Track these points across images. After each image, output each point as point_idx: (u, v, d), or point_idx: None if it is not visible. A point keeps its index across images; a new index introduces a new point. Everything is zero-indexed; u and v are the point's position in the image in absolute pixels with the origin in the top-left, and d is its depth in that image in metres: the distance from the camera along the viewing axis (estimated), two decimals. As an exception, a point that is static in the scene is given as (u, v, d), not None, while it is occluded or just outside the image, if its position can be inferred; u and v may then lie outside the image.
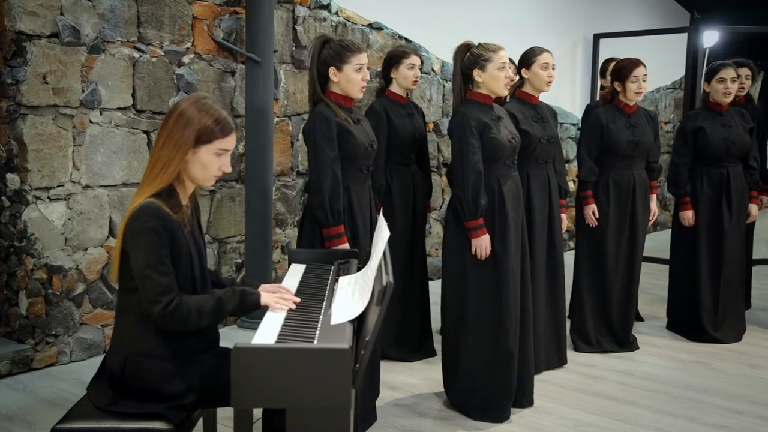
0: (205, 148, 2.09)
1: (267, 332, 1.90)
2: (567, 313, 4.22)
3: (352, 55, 3.00)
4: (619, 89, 4.19)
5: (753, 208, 4.58)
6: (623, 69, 4.13)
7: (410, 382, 3.76)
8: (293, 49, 4.85)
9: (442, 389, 3.49)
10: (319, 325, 2.01)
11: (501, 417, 3.27)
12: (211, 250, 4.50)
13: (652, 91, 8.69)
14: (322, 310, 2.14)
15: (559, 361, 3.99)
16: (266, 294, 2.18)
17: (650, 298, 5.48)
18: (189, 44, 4.28)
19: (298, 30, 4.85)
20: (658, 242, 7.00)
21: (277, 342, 1.83)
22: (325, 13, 5.02)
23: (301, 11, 4.87)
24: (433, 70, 5.93)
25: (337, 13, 5.10)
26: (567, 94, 7.43)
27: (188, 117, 2.08)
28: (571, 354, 4.14)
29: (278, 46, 4.71)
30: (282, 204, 4.88)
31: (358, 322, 2.09)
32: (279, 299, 2.16)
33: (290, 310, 2.14)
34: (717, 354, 4.28)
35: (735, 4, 8.92)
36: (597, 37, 7.59)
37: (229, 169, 2.16)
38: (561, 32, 7.28)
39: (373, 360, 3.30)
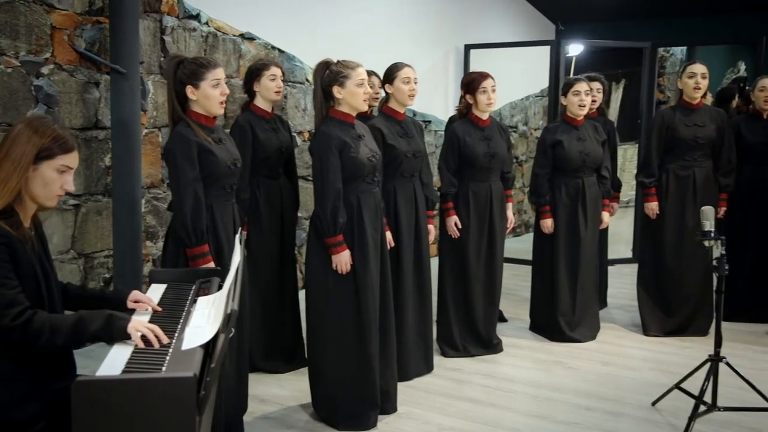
0: (46, 164, 2.08)
1: (114, 362, 1.89)
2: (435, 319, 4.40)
3: (207, 72, 3.01)
4: (471, 102, 4.36)
5: (605, 215, 4.88)
6: (473, 82, 4.31)
7: (280, 394, 3.80)
8: (162, 59, 4.77)
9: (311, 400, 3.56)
10: (171, 351, 2.00)
11: (366, 425, 3.37)
12: (76, 265, 4.37)
13: (522, 99, 9.07)
14: (176, 334, 2.14)
15: (427, 368, 4.13)
16: (133, 323, 2.07)
17: (515, 299, 5.74)
18: (48, 54, 4.14)
19: (166, 40, 4.79)
20: (528, 244, 7.27)
21: (123, 372, 1.83)
22: (194, 24, 4.97)
23: (170, 21, 4.80)
24: (307, 80, 5.97)
25: (207, 24, 5.06)
26: (440, 103, 7.65)
27: (27, 135, 2.06)
28: (439, 359, 4.29)
29: (145, 56, 4.63)
30: (153, 217, 4.80)
31: (213, 346, 2.10)
32: (142, 335, 2.04)
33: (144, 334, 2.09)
34: (573, 353, 4.54)
35: (598, 17, 9.43)
36: (468, 48, 7.85)
37: (71, 188, 2.15)
38: (434, 42, 7.49)
39: (241, 375, 3.32)
